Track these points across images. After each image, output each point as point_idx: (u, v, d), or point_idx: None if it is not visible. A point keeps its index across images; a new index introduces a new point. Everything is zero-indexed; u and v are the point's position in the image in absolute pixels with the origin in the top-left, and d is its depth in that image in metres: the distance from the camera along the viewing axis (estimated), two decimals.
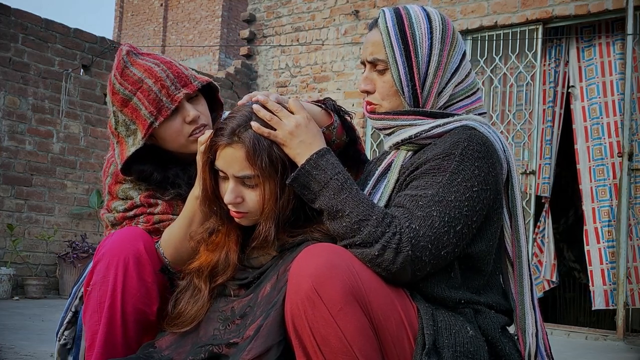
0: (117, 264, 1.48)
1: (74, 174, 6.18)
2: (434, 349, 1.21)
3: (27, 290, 5.67)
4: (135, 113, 1.59)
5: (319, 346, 1.16)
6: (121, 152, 1.63)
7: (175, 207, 1.64)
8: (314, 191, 1.28)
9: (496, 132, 1.39)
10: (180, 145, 1.63)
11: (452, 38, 1.41)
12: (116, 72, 1.61)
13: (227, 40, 16.45)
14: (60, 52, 6.06)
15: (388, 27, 1.39)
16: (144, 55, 1.65)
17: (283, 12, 7.58)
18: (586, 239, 5.44)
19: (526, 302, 1.37)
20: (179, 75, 1.60)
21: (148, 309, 1.52)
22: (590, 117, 5.52)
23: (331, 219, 1.27)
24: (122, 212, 1.65)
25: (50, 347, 3.03)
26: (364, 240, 1.22)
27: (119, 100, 1.60)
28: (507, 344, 1.32)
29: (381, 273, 1.22)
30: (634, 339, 4.96)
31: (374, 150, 6.65)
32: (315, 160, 1.29)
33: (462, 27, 6.07)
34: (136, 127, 1.59)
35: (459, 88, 1.42)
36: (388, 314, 1.21)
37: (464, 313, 1.31)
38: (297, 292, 1.17)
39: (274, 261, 1.38)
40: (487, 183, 1.29)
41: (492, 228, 1.34)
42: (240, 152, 1.31)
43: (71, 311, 1.67)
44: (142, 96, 1.57)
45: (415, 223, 1.23)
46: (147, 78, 1.58)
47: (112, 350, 1.49)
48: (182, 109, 1.60)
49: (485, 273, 1.36)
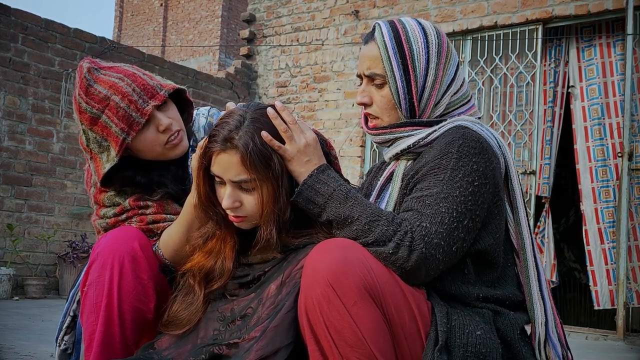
0: (113, 262, 1.48)
1: (74, 174, 6.18)
2: (445, 347, 1.23)
3: (27, 290, 5.67)
4: (105, 130, 1.56)
5: (334, 340, 1.18)
6: (96, 168, 1.61)
7: (166, 207, 1.64)
8: (320, 204, 1.31)
9: (489, 129, 1.43)
10: (158, 154, 1.62)
11: (448, 51, 1.45)
12: (80, 91, 1.57)
13: (227, 40, 16.44)
14: (60, 52, 6.06)
15: (385, 42, 1.43)
16: (106, 70, 1.60)
17: (283, 12, 7.57)
18: (586, 239, 5.43)
19: (533, 292, 1.39)
20: (144, 88, 1.57)
21: (145, 306, 1.51)
22: (591, 117, 5.52)
23: (341, 228, 1.29)
24: (113, 217, 1.64)
25: (50, 348, 3.03)
26: (376, 239, 1.24)
27: (87, 119, 1.57)
28: (524, 347, 1.34)
29: (396, 272, 1.24)
30: (634, 339, 4.96)
31: (373, 150, 6.65)
32: (317, 175, 1.32)
33: (462, 27, 6.08)
34: (109, 144, 1.57)
35: (454, 98, 1.47)
36: (401, 308, 1.23)
37: (482, 314, 1.32)
38: (311, 287, 1.19)
39: (277, 262, 1.38)
40: (486, 177, 1.32)
41: (495, 221, 1.37)
42: (235, 157, 1.31)
43: (70, 315, 1.66)
44: (110, 114, 1.54)
45: (425, 221, 1.25)
46: (113, 95, 1.54)
47: (110, 349, 1.49)
48: (153, 119, 1.58)
49: (497, 266, 1.38)
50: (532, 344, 1.38)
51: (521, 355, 1.32)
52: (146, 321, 1.53)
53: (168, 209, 1.63)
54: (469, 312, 1.31)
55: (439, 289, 1.32)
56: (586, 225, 5.45)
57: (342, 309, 1.17)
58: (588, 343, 4.86)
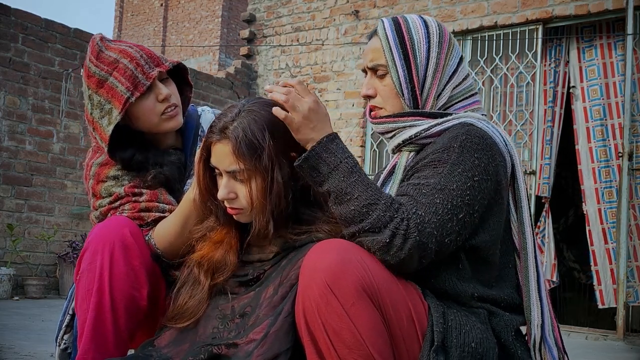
0: (103, 249, 1.49)
1: (74, 174, 6.18)
2: (442, 347, 1.22)
3: (27, 290, 5.66)
4: (111, 92, 1.64)
5: (332, 341, 1.17)
6: (101, 136, 1.68)
7: (159, 196, 1.66)
8: (323, 173, 1.30)
9: (495, 127, 1.43)
10: (153, 124, 1.70)
11: (449, 43, 1.47)
12: (91, 56, 1.68)
13: (227, 40, 16.44)
14: (60, 52, 6.06)
15: (387, 34, 1.46)
16: (116, 42, 1.73)
17: (283, 12, 7.57)
18: (590, 239, 5.44)
19: (532, 293, 1.38)
20: (151, 56, 1.69)
21: (137, 292, 1.51)
22: (593, 118, 5.52)
23: (338, 203, 1.28)
24: (107, 205, 1.68)
25: (50, 347, 3.03)
26: (372, 225, 1.23)
27: (94, 82, 1.66)
28: (519, 348, 1.33)
29: (389, 261, 1.23)
30: (634, 339, 4.96)
31: (373, 151, 6.65)
32: (326, 144, 1.31)
33: (462, 27, 6.08)
34: (111, 107, 1.65)
35: (457, 90, 1.47)
36: (399, 309, 1.23)
37: (478, 313, 1.32)
38: (309, 288, 1.19)
39: (277, 260, 1.38)
40: (487, 173, 1.32)
41: (494, 218, 1.36)
42: (228, 147, 1.34)
43: (69, 314, 1.66)
44: (118, 75, 1.64)
45: (420, 210, 1.25)
46: (122, 58, 1.65)
47: (101, 337, 1.48)
48: (155, 88, 1.68)
49: (493, 265, 1.37)
50: (528, 345, 1.37)
51: (517, 355, 1.31)
52: (139, 309, 1.53)
53: (161, 198, 1.66)
54: (465, 312, 1.31)
55: (435, 286, 1.32)
56: (589, 226, 5.45)
57: (340, 310, 1.16)
58: (588, 343, 4.86)
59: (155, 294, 1.57)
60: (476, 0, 6.06)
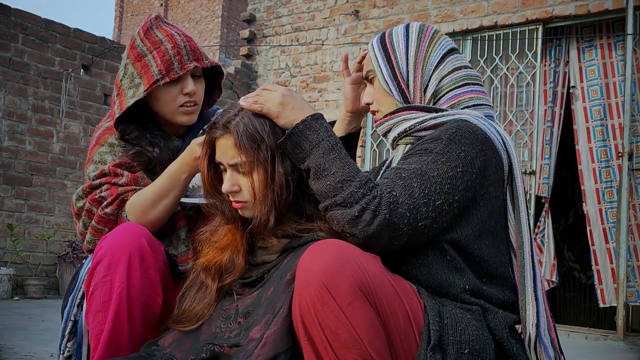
0: (119, 261, 1.48)
1: (74, 174, 6.18)
2: (439, 345, 1.23)
3: (27, 290, 5.67)
4: (145, 68, 1.71)
5: (329, 341, 1.18)
6: (120, 103, 1.73)
7: (140, 181, 1.70)
8: (305, 150, 1.35)
9: (494, 125, 1.43)
10: (169, 111, 1.75)
11: (431, 37, 1.53)
12: (141, 30, 1.76)
13: (227, 40, 16.45)
14: (60, 52, 6.06)
15: (373, 44, 1.57)
16: (169, 25, 1.79)
17: (283, 12, 7.58)
18: (591, 239, 5.44)
19: (527, 293, 1.38)
20: (194, 50, 1.75)
21: (153, 301, 1.52)
22: (593, 118, 5.52)
23: (316, 178, 1.32)
24: (89, 181, 1.74)
25: (50, 347, 3.03)
26: (344, 200, 1.27)
27: (135, 54, 1.73)
28: (514, 345, 1.33)
29: (357, 235, 1.26)
30: (634, 339, 4.96)
31: (374, 151, 6.65)
32: (310, 122, 1.36)
33: (462, 27, 6.08)
34: (140, 82, 1.71)
35: (444, 81, 1.50)
36: (395, 308, 1.23)
37: (472, 310, 1.32)
38: (306, 288, 1.19)
39: (279, 260, 1.39)
40: (472, 166, 1.33)
41: (478, 213, 1.37)
42: (230, 141, 1.39)
43: (71, 321, 1.65)
44: (157, 55, 1.70)
45: (396, 191, 1.28)
46: (167, 42, 1.71)
47: (116, 348, 1.48)
48: (184, 80, 1.73)
49: (481, 260, 1.37)
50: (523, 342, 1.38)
51: (512, 352, 1.32)
52: (153, 316, 1.54)
53: (141, 182, 1.70)
54: (460, 310, 1.31)
55: (428, 281, 1.33)
56: (590, 226, 5.45)
57: (337, 310, 1.17)
58: (588, 343, 4.86)
59: (166, 298, 1.57)
60: (476, 0, 6.07)
